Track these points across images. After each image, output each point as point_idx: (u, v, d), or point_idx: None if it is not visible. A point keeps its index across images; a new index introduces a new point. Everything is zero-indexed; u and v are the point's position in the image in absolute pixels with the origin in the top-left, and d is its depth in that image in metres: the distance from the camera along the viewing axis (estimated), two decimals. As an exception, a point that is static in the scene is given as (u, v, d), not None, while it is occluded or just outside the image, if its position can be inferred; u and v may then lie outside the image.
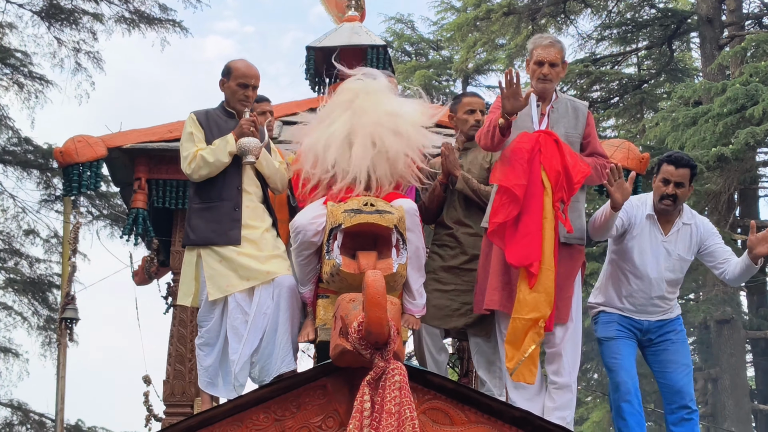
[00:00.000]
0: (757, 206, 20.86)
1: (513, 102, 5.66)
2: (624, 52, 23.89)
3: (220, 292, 5.85)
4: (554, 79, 5.95)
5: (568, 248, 5.88)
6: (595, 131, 6.13)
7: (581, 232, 5.99)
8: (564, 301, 5.81)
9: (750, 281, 19.08)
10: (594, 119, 6.25)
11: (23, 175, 17.90)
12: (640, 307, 6.22)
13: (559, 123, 5.97)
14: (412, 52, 29.81)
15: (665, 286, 6.18)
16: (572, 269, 5.91)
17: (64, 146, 7.40)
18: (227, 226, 5.89)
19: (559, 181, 5.66)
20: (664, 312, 6.26)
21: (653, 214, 6.18)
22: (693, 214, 6.30)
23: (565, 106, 6.05)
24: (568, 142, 5.89)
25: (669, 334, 6.26)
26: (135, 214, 7.52)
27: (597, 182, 6.15)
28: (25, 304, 18.43)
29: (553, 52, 5.92)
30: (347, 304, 4.85)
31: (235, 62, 6.20)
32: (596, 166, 5.94)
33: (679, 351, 6.24)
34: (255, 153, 5.94)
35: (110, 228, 17.79)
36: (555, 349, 5.87)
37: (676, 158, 6.11)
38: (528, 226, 5.63)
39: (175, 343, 7.58)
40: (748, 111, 15.54)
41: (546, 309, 5.60)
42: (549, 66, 5.91)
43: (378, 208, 5.30)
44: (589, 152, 6.02)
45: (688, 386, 6.20)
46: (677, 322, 6.32)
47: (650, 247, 6.15)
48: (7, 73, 18.02)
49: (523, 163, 5.68)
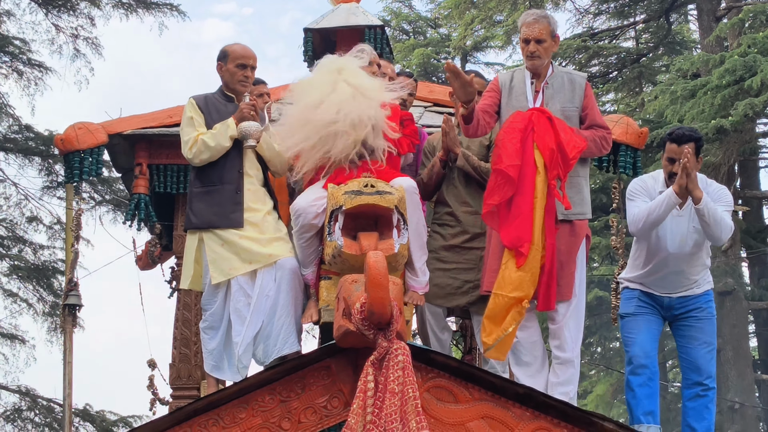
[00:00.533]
0: (758, 177, 20.84)
1: (464, 91, 5.72)
2: (621, 25, 23.79)
3: (223, 275, 5.89)
4: (543, 55, 5.94)
5: (569, 224, 5.89)
6: (594, 102, 6.08)
7: (583, 207, 5.98)
8: (566, 277, 5.82)
9: (751, 252, 19.14)
10: (593, 92, 6.23)
11: (25, 162, 17.88)
12: (661, 283, 6.21)
13: (555, 98, 5.97)
14: (410, 31, 29.74)
15: (685, 260, 6.15)
16: (573, 245, 5.90)
17: (65, 133, 7.41)
18: (229, 209, 5.91)
19: (554, 158, 5.66)
20: (687, 288, 6.22)
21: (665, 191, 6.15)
22: (707, 183, 6.21)
23: (561, 81, 6.03)
24: (564, 116, 5.88)
25: (694, 311, 6.21)
26: (137, 200, 7.56)
27: (597, 154, 6.14)
28: (30, 291, 18.43)
29: (538, 28, 5.91)
30: (350, 285, 4.89)
31: (231, 45, 6.23)
32: (594, 138, 5.92)
33: (703, 329, 6.20)
34: (256, 137, 5.97)
35: (113, 213, 17.77)
36: (558, 325, 5.89)
37: (678, 135, 6.09)
38: (520, 207, 5.66)
39: (179, 326, 7.62)
40: (747, 82, 15.50)
41: (530, 288, 5.62)
42: (535, 43, 5.91)
43: (378, 189, 5.32)
44: (588, 124, 5.99)
45: (707, 364, 6.17)
46: (703, 299, 6.24)
47: (669, 221, 6.11)
48: (6, 60, 17.97)
49: (516, 143, 5.70)
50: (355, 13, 9.05)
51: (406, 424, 4.49)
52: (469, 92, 5.74)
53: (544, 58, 5.97)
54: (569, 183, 5.84)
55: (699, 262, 6.25)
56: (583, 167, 6.01)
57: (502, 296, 5.62)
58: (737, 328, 18.16)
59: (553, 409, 5.06)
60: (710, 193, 6.10)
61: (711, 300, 6.29)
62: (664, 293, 6.23)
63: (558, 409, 5.07)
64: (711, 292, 6.31)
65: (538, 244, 5.62)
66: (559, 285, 5.77)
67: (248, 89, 6.17)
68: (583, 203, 5.97)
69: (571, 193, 5.84)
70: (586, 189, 6.03)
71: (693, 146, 6.02)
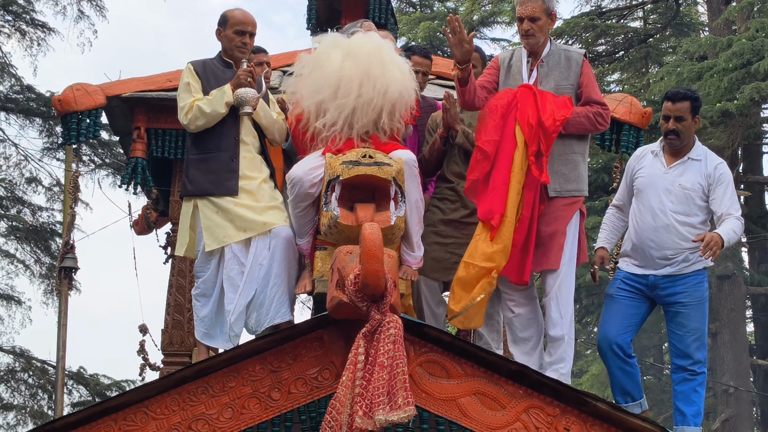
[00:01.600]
0: (761, 162, 20.82)
1: (460, 49, 5.71)
2: (630, 5, 23.68)
3: (217, 242, 5.85)
4: (537, 33, 5.90)
5: (561, 199, 5.86)
6: (590, 79, 6.00)
7: (579, 184, 5.91)
8: (554, 248, 5.79)
9: (751, 237, 19.13)
10: (598, 72, 6.18)
11: (26, 123, 17.88)
12: (642, 257, 6.10)
13: (550, 76, 5.95)
14: (416, 3, 29.59)
15: (673, 220, 6.00)
16: (564, 218, 5.85)
17: (63, 94, 7.35)
18: (224, 176, 5.87)
19: (533, 133, 5.66)
20: (673, 263, 6.02)
21: (658, 149, 6.18)
22: (706, 153, 6.16)
23: (557, 58, 5.99)
24: (558, 94, 5.86)
25: (681, 295, 6.02)
26: (134, 164, 7.51)
27: (593, 131, 6.03)
28: (28, 252, 18.48)
29: (531, 6, 5.88)
30: (344, 257, 4.85)
31: (231, 10, 6.17)
32: (588, 114, 5.85)
33: (690, 315, 6.01)
34: (252, 104, 5.91)
35: (112, 177, 17.77)
36: (546, 298, 5.88)
37: (673, 93, 6.10)
38: (495, 181, 5.69)
39: (173, 292, 7.59)
40: (754, 66, 15.45)
41: (501, 260, 5.63)
42: (528, 21, 5.88)
43: (376, 159, 5.27)
44: (583, 101, 5.92)
45: (695, 352, 6.01)
46: (692, 280, 6.02)
47: (652, 179, 6.10)
48: (9, 20, 17.92)
49: (497, 118, 5.73)
50: (360, -19, 8.95)
51: (393, 398, 4.46)
52: (464, 51, 5.71)
53: (539, 36, 5.93)
54: (564, 159, 5.84)
55: (685, 235, 6.02)
56: (579, 143, 5.96)
57: (473, 265, 5.66)
58: (735, 312, 18.19)
59: (547, 388, 5.04)
60: (709, 165, 6.07)
61: (702, 282, 6.07)
62: (648, 271, 6.10)
63: (551, 388, 5.05)
64: (704, 272, 6.09)
65: (511, 218, 5.63)
66: (546, 256, 5.77)
67: (246, 56, 6.12)
68: (578, 180, 5.92)
69: (566, 170, 5.85)
70: (582, 166, 5.98)
71: (689, 105, 6.02)
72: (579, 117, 5.81)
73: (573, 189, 5.89)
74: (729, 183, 6.11)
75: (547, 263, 5.79)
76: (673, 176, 6.07)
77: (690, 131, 6.09)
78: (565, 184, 5.85)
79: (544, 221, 5.80)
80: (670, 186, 6.05)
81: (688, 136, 6.10)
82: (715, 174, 6.05)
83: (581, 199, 5.96)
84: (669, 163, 6.12)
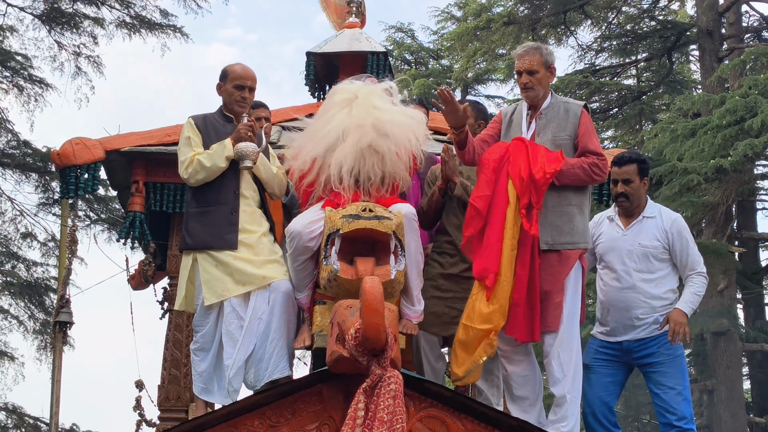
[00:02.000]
0: (755, 218, 20.87)
1: (454, 116, 5.78)
2: (623, 63, 23.92)
3: (216, 296, 5.82)
4: (536, 86, 5.92)
5: (556, 254, 5.77)
6: (588, 129, 5.94)
7: (573, 237, 5.81)
8: (552, 308, 5.70)
9: (746, 293, 19.11)
10: (592, 120, 6.20)
11: (22, 178, 17.89)
12: (619, 316, 6.17)
13: (548, 127, 5.93)
14: (412, 61, 29.84)
15: (638, 280, 6.13)
16: (560, 274, 5.75)
17: (62, 148, 7.38)
18: (224, 230, 5.87)
19: (524, 186, 5.64)
20: (644, 326, 6.13)
21: (613, 214, 6.36)
22: (660, 209, 6.36)
23: (556, 110, 5.98)
24: (555, 145, 5.83)
25: (655, 355, 6.12)
26: (132, 218, 7.51)
27: (590, 182, 5.94)
28: (22, 308, 18.41)
29: (528, 60, 5.92)
30: (344, 311, 4.83)
31: (231, 65, 6.21)
32: (583, 164, 5.79)
33: (667, 373, 6.10)
34: (252, 158, 5.92)
35: (108, 232, 17.74)
36: (546, 359, 5.80)
37: (619, 158, 6.33)
38: (489, 238, 5.66)
39: (170, 347, 7.55)
40: (747, 123, 15.54)
41: (499, 320, 5.58)
42: (527, 74, 5.92)
43: (377, 213, 5.28)
44: (580, 152, 5.87)
45: (679, 407, 6.03)
46: (664, 339, 6.08)
47: (612, 243, 6.27)
48: (7, 76, 17.99)
49: (489, 173, 5.74)
50: (358, 38, 9.05)
51: (392, 454, 4.42)
52: (458, 118, 5.78)
53: (538, 89, 5.95)
54: (559, 211, 5.79)
55: (651, 293, 6.16)
56: (576, 195, 5.88)
57: (472, 328, 5.62)
58: (731, 369, 18.10)
59: (546, 444, 5.00)
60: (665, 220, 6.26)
61: None
62: (621, 338, 6.20)
63: (551, 444, 5.01)
64: None
65: (506, 276, 5.58)
66: (543, 316, 5.68)
67: (246, 110, 6.15)
68: (573, 232, 5.81)
69: (560, 222, 5.78)
70: (579, 218, 5.87)
71: (635, 167, 6.23)
72: (573, 168, 5.76)
73: (566, 242, 5.78)
74: (687, 237, 6.29)
75: (545, 325, 5.69)
76: (632, 237, 6.24)
77: (639, 192, 6.29)
78: (558, 236, 5.76)
79: (540, 278, 5.71)
80: (630, 247, 6.22)
81: (639, 197, 6.29)
82: (672, 230, 6.24)
83: (578, 252, 5.82)
84: (625, 225, 6.31)
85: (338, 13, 9.69)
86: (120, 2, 18.33)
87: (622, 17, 23.43)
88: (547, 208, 5.75)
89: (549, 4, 22.16)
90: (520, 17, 22.38)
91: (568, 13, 22.47)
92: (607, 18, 23.45)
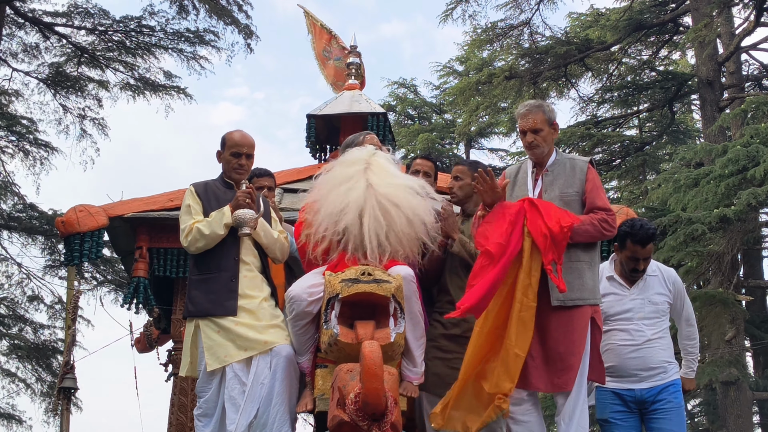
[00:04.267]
0: (761, 267, 20.84)
1: (491, 195, 5.82)
2: (625, 114, 24.05)
3: (219, 362, 5.84)
4: (541, 144, 5.97)
5: (566, 311, 5.73)
6: (595, 185, 5.95)
7: (582, 293, 5.77)
8: (565, 369, 5.65)
9: (755, 343, 19.02)
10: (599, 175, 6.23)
11: (28, 241, 17.99)
12: (632, 369, 6.20)
13: (555, 184, 5.94)
14: (415, 116, 30.04)
15: (651, 335, 6.20)
16: (572, 332, 5.70)
17: (66, 216, 7.46)
18: (224, 296, 5.89)
19: (548, 243, 5.62)
20: (654, 377, 6.20)
21: (611, 274, 6.39)
22: (659, 266, 6.45)
23: (562, 167, 5.99)
24: (563, 202, 5.84)
25: (661, 402, 6.19)
26: (136, 283, 7.56)
27: (600, 238, 5.91)
28: (29, 371, 18.42)
29: (531, 118, 5.97)
30: (345, 375, 4.86)
31: (230, 133, 6.26)
32: (593, 221, 5.78)
33: (672, 420, 6.16)
34: (251, 224, 5.97)
35: (114, 293, 17.81)
36: (558, 418, 5.79)
37: (642, 238, 6.27)
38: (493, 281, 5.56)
39: (175, 411, 7.56)
40: (750, 172, 15.57)
41: (506, 385, 5.53)
42: (531, 133, 5.97)
43: (375, 277, 5.31)
44: (588, 208, 5.87)
45: None
46: (671, 389, 6.23)
47: (620, 303, 6.32)
48: (12, 140, 18.16)
49: (505, 224, 5.70)
50: (358, 100, 9.15)
51: None
52: (497, 195, 5.81)
53: (544, 147, 5.98)
54: (568, 267, 5.74)
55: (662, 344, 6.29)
56: (586, 252, 5.86)
57: (487, 393, 5.60)
58: (741, 418, 17.97)
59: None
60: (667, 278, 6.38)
61: (678, 390, 6.29)
62: (633, 386, 6.22)
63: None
64: (678, 381, 6.33)
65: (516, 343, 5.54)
66: (557, 376, 5.65)
67: (243, 177, 6.18)
68: (583, 289, 5.77)
69: (570, 278, 5.72)
70: (588, 274, 5.84)
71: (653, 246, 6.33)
72: (584, 225, 5.75)
73: (576, 297, 5.74)
74: (684, 292, 6.48)
75: (559, 385, 5.66)
76: (639, 295, 6.30)
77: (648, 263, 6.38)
78: (568, 292, 5.70)
79: (553, 337, 5.69)
80: (640, 306, 6.29)
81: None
82: (676, 286, 6.41)
83: (589, 309, 5.78)
84: (629, 284, 6.38)
85: (338, 75, 9.83)
86: (124, 65, 18.52)
87: (622, 69, 23.62)
88: None
89: (549, 58, 22.34)
90: (521, 71, 22.54)
91: (568, 66, 22.64)
92: (607, 70, 23.64)
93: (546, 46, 22.65)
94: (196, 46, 18.45)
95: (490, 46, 24.56)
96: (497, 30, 23.66)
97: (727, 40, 21.05)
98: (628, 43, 22.49)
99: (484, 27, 24.06)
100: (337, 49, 10.15)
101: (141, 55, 18.43)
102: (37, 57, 18.23)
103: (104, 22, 18.09)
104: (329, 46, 10.15)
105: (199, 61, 18.55)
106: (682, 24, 22.64)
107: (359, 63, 9.57)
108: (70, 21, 18.04)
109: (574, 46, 22.33)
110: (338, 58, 10.05)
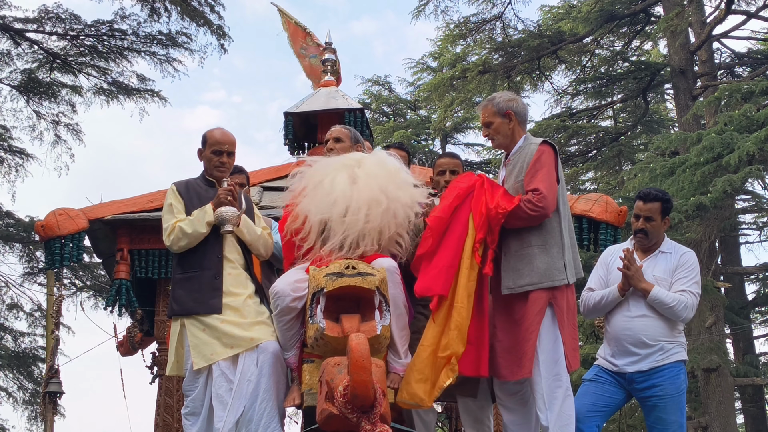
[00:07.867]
0: (739, 253, 20.98)
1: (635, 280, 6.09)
2: (599, 105, 24.16)
3: (205, 360, 5.83)
4: (495, 136, 6.02)
5: (517, 298, 5.69)
6: (536, 166, 5.76)
7: (533, 278, 5.66)
8: (521, 356, 5.61)
9: (735, 328, 19.15)
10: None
11: (5, 249, 17.89)
12: (619, 352, 6.17)
13: (513, 173, 5.91)
14: (390, 113, 30.04)
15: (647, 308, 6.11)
16: (524, 319, 5.65)
17: (46, 220, 7.42)
18: (208, 295, 5.88)
19: (482, 221, 5.67)
20: (650, 355, 6.08)
21: (630, 247, 6.32)
22: (674, 246, 6.36)
23: (522, 153, 5.92)
24: (515, 190, 5.79)
25: (657, 388, 6.05)
26: (118, 285, 7.54)
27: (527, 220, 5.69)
28: (11, 379, 18.33)
29: (483, 114, 6.07)
30: (332, 368, 4.87)
31: (211, 131, 6.25)
32: (521, 202, 5.67)
33: (668, 408, 6.05)
34: (233, 222, 5.97)
35: (94, 299, 17.74)
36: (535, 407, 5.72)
37: (645, 193, 6.31)
38: (441, 260, 5.64)
39: (161, 412, 7.55)
40: (725, 159, 15.66)
41: (458, 346, 5.52)
42: (485, 127, 6.07)
43: (359, 270, 5.32)
44: (525, 190, 5.76)
45: None
46: (669, 372, 6.06)
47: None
48: (-14, 148, 18.07)
49: (452, 198, 5.77)
50: (334, 96, 9.16)
51: None
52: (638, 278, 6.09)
53: (498, 138, 6.03)
54: (519, 255, 5.72)
55: (659, 330, 6.13)
56: (537, 236, 5.74)
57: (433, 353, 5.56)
58: (724, 404, 18.09)
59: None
60: (678, 255, 6.27)
61: (678, 374, 6.11)
62: (625, 368, 6.13)
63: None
64: (681, 365, 6.15)
65: (462, 303, 5.55)
66: (518, 365, 5.61)
67: (225, 175, 6.17)
68: (532, 274, 5.67)
69: (521, 265, 5.69)
70: (540, 258, 5.70)
71: (659, 206, 6.22)
72: (516, 208, 5.66)
73: (525, 284, 5.67)
74: (692, 267, 6.26)
75: (521, 372, 5.62)
76: (647, 269, 6.21)
77: (659, 231, 6.30)
78: (518, 279, 5.68)
79: (507, 326, 5.70)
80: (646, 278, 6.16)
81: (657, 235, 6.31)
82: (681, 261, 6.25)
83: (543, 294, 5.67)
84: (641, 258, 6.31)
85: (314, 73, 9.83)
86: (97, 69, 18.44)
87: (595, 60, 23.70)
88: (510, 253, 5.76)
89: (523, 51, 22.42)
90: (494, 65, 22.60)
91: (542, 59, 22.73)
92: (581, 61, 23.73)
93: (519, 40, 22.72)
94: (169, 48, 18.37)
95: (463, 41, 24.61)
96: (470, 25, 23.70)
97: (698, 29, 21.16)
98: (600, 34, 22.57)
99: (457, 22, 24.12)
100: (313, 46, 10.16)
101: (114, 59, 18.34)
102: (9, 64, 18.12)
103: (76, 27, 17.98)
104: (305, 44, 10.17)
105: (172, 64, 18.46)
106: (653, 14, 22.75)
107: (335, 60, 9.58)
108: (41, 27, 17.94)
109: (547, 39, 22.41)
110: (314, 55, 10.06)
